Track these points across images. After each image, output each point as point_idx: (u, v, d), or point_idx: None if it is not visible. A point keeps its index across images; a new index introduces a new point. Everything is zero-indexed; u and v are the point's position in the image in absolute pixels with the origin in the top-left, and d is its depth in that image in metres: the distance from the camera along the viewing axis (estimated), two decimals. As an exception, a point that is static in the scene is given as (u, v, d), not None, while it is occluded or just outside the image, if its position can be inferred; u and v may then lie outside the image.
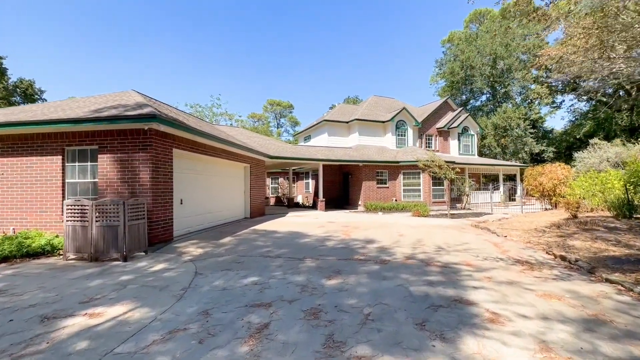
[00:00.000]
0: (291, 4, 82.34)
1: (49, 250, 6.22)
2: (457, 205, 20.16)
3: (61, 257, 6.11)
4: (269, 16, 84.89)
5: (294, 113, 63.71)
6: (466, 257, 6.25)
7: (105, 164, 6.80)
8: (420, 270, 5.22)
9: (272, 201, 25.03)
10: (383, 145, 21.87)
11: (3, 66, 23.83)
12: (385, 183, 19.25)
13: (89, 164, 7.02)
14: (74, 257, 5.99)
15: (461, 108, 25.43)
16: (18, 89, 24.69)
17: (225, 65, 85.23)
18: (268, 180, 26.44)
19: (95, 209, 5.87)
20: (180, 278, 4.81)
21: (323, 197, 17.85)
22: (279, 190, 26.01)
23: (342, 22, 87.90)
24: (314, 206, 19.24)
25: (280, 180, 26.01)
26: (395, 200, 19.02)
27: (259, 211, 13.92)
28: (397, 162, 18.75)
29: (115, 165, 6.77)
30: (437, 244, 7.59)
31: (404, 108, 21.88)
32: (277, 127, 62.27)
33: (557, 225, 9.77)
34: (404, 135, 22.09)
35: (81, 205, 5.93)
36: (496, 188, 21.78)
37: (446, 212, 15.73)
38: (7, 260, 5.80)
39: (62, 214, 6.65)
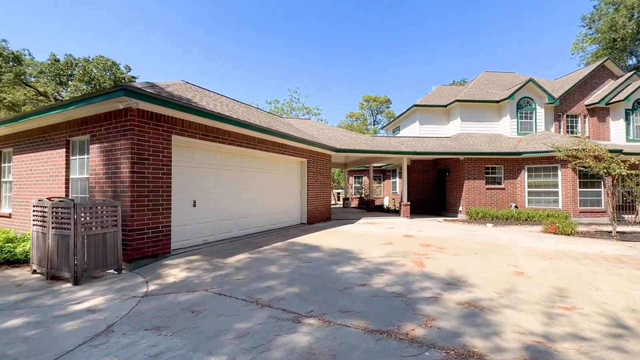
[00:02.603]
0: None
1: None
2: (624, 216, 13.14)
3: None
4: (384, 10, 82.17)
5: (391, 108, 59.15)
6: None
7: (95, 156, 5.59)
8: None
9: (354, 203, 22.35)
10: (497, 133, 16.40)
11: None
12: (500, 183, 14.07)
13: (85, 157, 5.99)
14: (39, 271, 4.85)
15: (632, 72, 17.05)
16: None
17: (321, 63, 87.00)
18: (351, 180, 23.91)
19: (52, 212, 4.55)
20: (61, 342, 2.79)
21: (408, 201, 14.16)
22: (362, 191, 23.11)
23: (448, 9, 77.63)
24: (399, 211, 15.67)
25: (364, 179, 23.07)
26: (515, 206, 13.62)
27: (320, 215, 11.54)
28: (519, 153, 13.37)
29: (102, 158, 5.48)
30: (608, 310, 3.55)
31: (530, 80, 15.84)
32: (374, 124, 58.88)
33: None
34: (530, 118, 16.05)
35: (41, 207, 4.73)
36: None
37: (609, 228, 9.91)
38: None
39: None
